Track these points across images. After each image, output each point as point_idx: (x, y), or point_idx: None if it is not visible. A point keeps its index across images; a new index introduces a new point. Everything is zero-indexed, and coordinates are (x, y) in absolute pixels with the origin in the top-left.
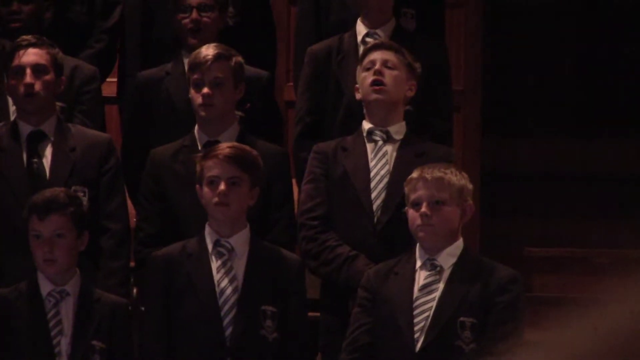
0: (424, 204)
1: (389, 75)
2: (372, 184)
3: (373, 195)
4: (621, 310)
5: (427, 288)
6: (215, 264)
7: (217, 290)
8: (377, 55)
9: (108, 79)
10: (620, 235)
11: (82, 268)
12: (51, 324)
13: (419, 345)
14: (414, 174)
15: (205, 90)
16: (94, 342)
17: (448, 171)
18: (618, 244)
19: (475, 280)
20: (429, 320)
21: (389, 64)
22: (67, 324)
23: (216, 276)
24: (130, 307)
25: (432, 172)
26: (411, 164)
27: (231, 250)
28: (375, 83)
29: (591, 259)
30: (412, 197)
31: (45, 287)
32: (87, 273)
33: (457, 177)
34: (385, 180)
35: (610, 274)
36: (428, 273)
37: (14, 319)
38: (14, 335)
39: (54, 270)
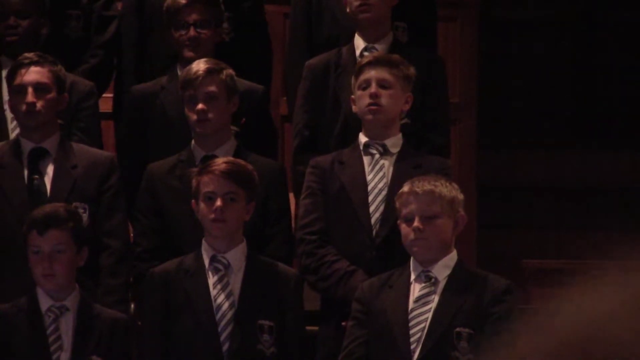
0: (416, 219)
1: (385, 96)
2: (370, 198)
3: (371, 209)
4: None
5: (422, 299)
6: (211, 279)
7: (214, 305)
8: (372, 74)
9: (104, 95)
10: (617, 247)
11: (81, 285)
12: (50, 339)
13: (415, 356)
14: (405, 188)
15: (200, 106)
16: (94, 358)
17: (438, 183)
18: (614, 255)
19: (470, 290)
20: (425, 331)
21: (385, 83)
22: (67, 340)
23: (213, 292)
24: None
25: (423, 186)
26: (408, 177)
27: (227, 266)
28: (371, 104)
29: (588, 271)
30: (404, 211)
31: (44, 302)
32: (86, 290)
33: (447, 189)
34: (383, 193)
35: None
36: (423, 285)
37: (14, 335)
38: (14, 351)
39: (53, 285)
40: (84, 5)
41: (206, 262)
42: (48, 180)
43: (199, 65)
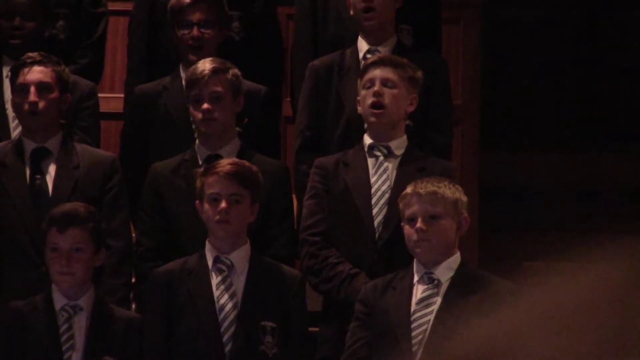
0: (419, 220)
1: (388, 96)
2: (373, 200)
3: (374, 211)
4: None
5: (424, 301)
6: (215, 280)
7: (217, 306)
8: (376, 73)
9: (115, 95)
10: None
11: None
12: (63, 338)
13: (417, 358)
14: (408, 189)
15: (205, 105)
16: (106, 358)
17: (442, 185)
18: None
19: (473, 293)
20: (427, 333)
21: (389, 83)
22: (79, 339)
23: (216, 292)
24: None
25: (426, 187)
26: (412, 180)
27: (231, 267)
28: (374, 106)
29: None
30: (407, 212)
31: (59, 301)
32: None
33: (451, 190)
34: (387, 196)
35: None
36: (426, 287)
37: (28, 332)
38: (27, 348)
39: (69, 283)
40: (72, 3)
41: (209, 262)
42: (50, 180)
43: (205, 65)
